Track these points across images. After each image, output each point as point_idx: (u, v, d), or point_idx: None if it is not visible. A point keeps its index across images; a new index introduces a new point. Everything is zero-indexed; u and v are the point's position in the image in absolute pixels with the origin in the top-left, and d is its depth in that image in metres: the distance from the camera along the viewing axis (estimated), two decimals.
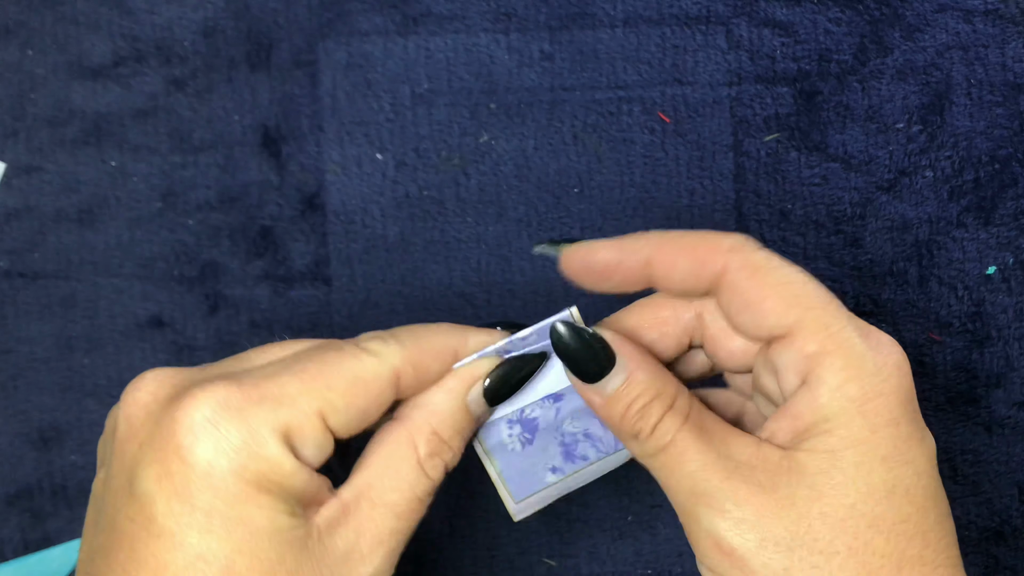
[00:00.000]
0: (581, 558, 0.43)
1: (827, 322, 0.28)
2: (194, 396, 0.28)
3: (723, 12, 0.43)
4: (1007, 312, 0.43)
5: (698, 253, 0.30)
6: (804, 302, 0.29)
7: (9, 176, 0.44)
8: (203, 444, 0.27)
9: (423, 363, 0.30)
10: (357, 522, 0.29)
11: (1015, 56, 0.43)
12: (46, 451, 0.43)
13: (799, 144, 0.43)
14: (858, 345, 0.28)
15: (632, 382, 0.30)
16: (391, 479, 0.30)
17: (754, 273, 0.29)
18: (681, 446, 0.29)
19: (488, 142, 0.44)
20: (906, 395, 0.28)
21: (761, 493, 0.28)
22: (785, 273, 0.29)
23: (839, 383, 0.28)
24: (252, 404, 0.28)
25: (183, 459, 0.27)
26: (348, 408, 0.29)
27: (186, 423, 0.27)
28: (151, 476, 0.27)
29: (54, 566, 0.43)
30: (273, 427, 0.28)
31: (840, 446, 0.28)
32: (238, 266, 0.44)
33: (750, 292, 0.29)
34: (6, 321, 0.44)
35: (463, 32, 0.44)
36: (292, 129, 0.44)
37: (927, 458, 0.29)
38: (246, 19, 0.44)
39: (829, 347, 0.28)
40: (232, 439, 0.27)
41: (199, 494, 0.27)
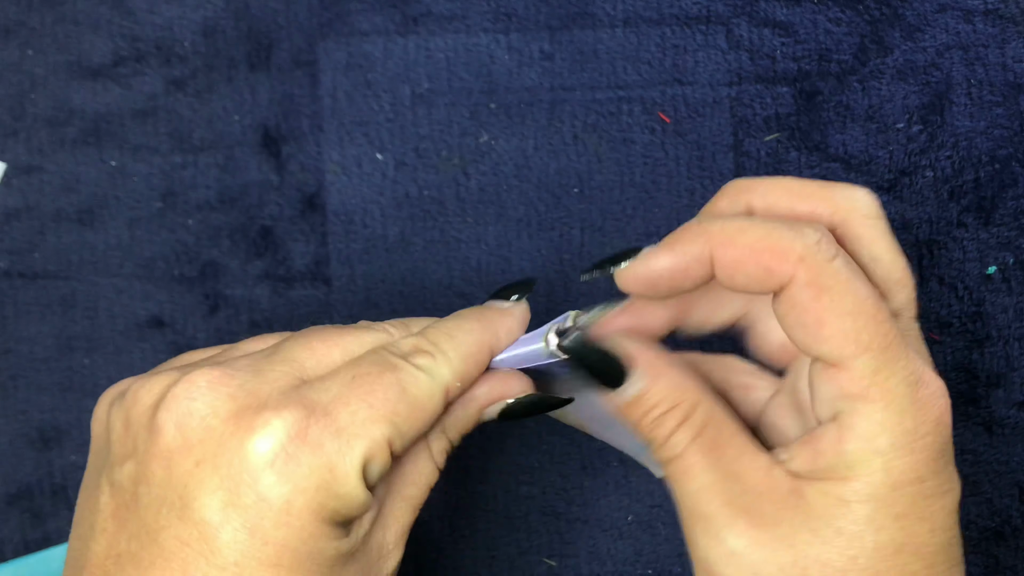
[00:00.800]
0: (581, 558, 0.43)
1: (879, 366, 0.26)
2: (267, 423, 0.27)
3: (723, 12, 0.43)
4: (1007, 312, 0.43)
5: (764, 259, 0.27)
6: (864, 339, 0.26)
7: (9, 176, 0.44)
8: (281, 481, 0.26)
9: (467, 374, 0.30)
10: (385, 519, 0.30)
11: (1015, 56, 0.43)
12: (46, 451, 0.43)
13: (799, 144, 0.43)
14: (902, 398, 0.26)
15: (649, 392, 0.29)
16: (410, 474, 0.30)
17: (820, 294, 0.27)
18: (689, 461, 0.28)
19: (488, 142, 0.44)
20: (939, 450, 0.27)
21: (760, 526, 0.27)
22: (848, 299, 0.27)
23: (871, 435, 0.27)
24: (329, 437, 0.27)
25: (259, 494, 0.26)
26: (411, 433, 0.29)
27: (261, 455, 0.26)
28: (216, 504, 0.26)
29: (54, 566, 0.43)
30: (351, 462, 0.27)
31: (855, 498, 0.27)
32: (238, 266, 0.44)
33: (810, 314, 0.27)
34: (6, 321, 0.44)
35: (463, 32, 0.44)
36: (292, 129, 0.44)
37: (948, 512, 0.27)
38: (246, 19, 0.44)
39: (872, 395, 0.26)
40: (311, 477, 0.26)
41: (274, 531, 0.26)
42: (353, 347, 0.30)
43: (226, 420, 0.27)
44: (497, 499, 0.43)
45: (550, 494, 0.43)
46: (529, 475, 0.43)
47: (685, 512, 0.29)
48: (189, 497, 0.26)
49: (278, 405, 0.27)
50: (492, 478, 0.43)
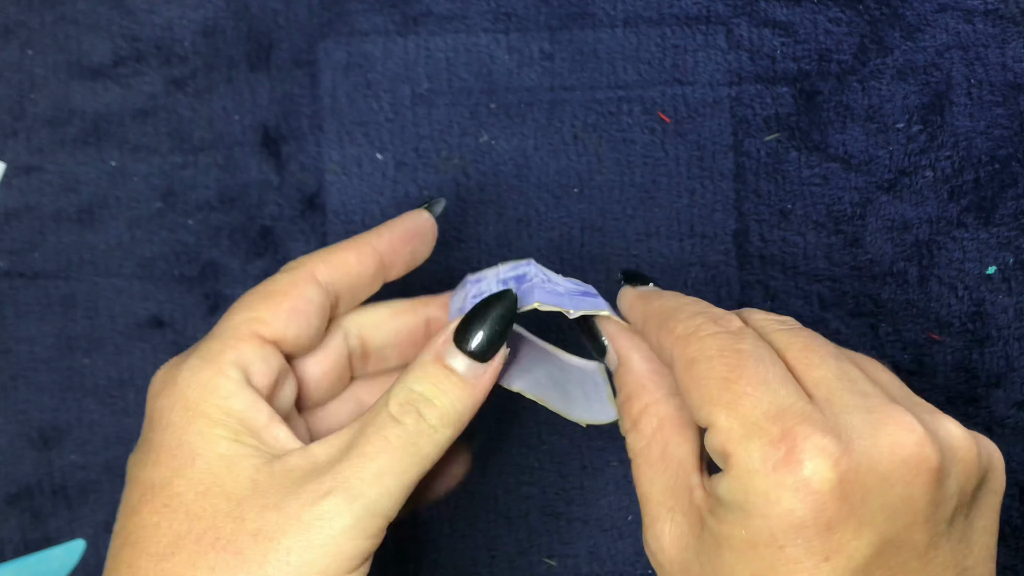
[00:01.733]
0: (581, 558, 0.43)
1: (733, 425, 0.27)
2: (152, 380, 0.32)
3: (723, 12, 0.43)
4: (1007, 312, 0.43)
5: (658, 337, 0.31)
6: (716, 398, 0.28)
7: (9, 176, 0.44)
8: (154, 401, 0.31)
9: (339, 259, 0.33)
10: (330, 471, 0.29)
11: (1015, 56, 0.43)
12: (46, 451, 0.43)
13: (799, 144, 0.43)
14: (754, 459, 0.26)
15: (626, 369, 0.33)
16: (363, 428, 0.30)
17: (686, 366, 0.29)
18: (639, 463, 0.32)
19: (488, 142, 0.44)
20: (800, 519, 0.26)
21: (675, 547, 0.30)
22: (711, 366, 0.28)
23: (733, 490, 0.27)
24: (192, 351, 0.31)
25: (147, 419, 0.31)
26: (275, 316, 0.31)
27: (151, 391, 0.31)
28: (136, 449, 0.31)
29: (54, 566, 0.43)
30: (208, 360, 0.30)
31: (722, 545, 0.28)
32: (238, 266, 0.44)
33: (682, 383, 0.29)
34: (6, 321, 0.44)
35: (463, 32, 0.44)
36: (292, 129, 0.44)
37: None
38: (246, 19, 0.44)
39: (730, 449, 0.27)
40: (176, 383, 0.30)
41: (152, 436, 0.30)
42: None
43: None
44: (497, 499, 0.43)
45: (550, 494, 0.43)
46: (529, 475, 0.43)
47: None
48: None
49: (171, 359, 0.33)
50: (492, 478, 0.43)
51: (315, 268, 0.33)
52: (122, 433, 0.44)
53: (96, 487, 0.43)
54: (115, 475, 0.44)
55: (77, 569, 0.43)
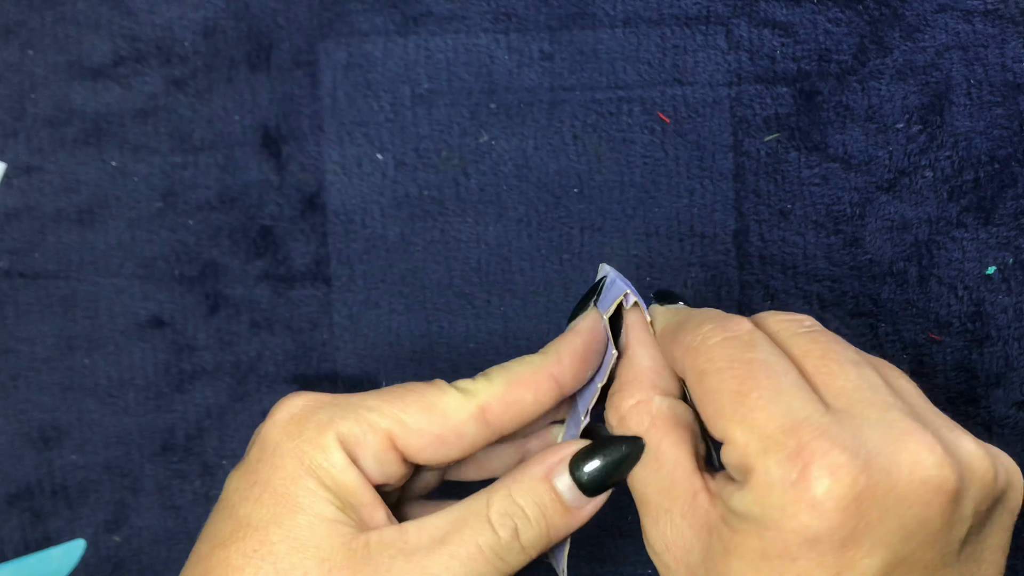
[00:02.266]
0: (581, 558, 0.43)
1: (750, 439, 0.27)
2: (285, 399, 0.31)
3: (723, 12, 0.43)
4: (1007, 312, 0.43)
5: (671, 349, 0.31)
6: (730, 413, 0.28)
7: (9, 176, 0.44)
8: (276, 432, 0.30)
9: (513, 396, 0.31)
10: (413, 548, 0.29)
11: (1015, 56, 0.43)
12: (46, 451, 0.43)
13: (799, 144, 0.43)
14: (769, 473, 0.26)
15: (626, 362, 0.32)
16: (456, 524, 0.30)
17: (698, 378, 0.29)
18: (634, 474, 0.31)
19: (488, 142, 0.44)
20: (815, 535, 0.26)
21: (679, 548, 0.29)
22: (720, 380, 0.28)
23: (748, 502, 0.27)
24: (325, 407, 0.30)
25: (260, 444, 0.30)
26: (421, 432, 0.30)
27: (273, 419, 0.30)
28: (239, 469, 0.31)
29: (54, 566, 0.43)
30: (335, 429, 0.30)
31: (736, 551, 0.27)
32: (238, 266, 0.44)
33: (695, 395, 0.29)
34: (6, 321, 0.44)
35: (463, 32, 0.44)
36: (292, 129, 0.44)
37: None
38: (246, 19, 0.44)
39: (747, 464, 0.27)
40: (300, 431, 0.30)
41: (260, 470, 0.29)
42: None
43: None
44: None
45: None
46: None
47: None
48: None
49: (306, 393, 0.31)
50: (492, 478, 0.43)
51: (487, 404, 0.30)
52: (122, 433, 0.44)
53: (96, 487, 0.43)
54: (115, 475, 0.44)
55: (77, 569, 0.43)
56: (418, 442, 0.30)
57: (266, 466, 0.29)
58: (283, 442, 0.30)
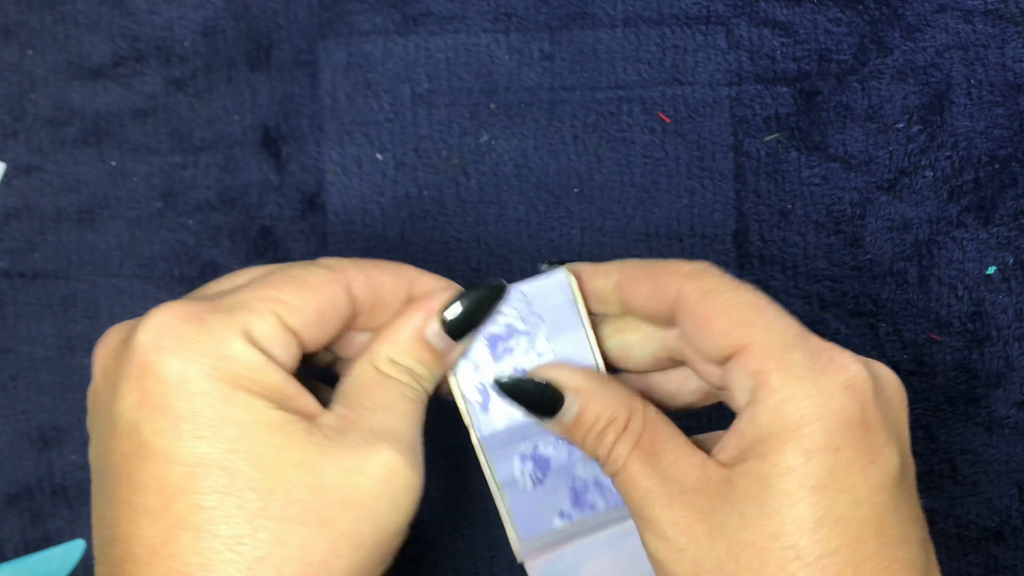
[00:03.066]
0: None
1: (772, 342, 0.28)
2: (151, 316, 0.28)
3: (723, 12, 0.43)
4: (1007, 312, 0.43)
5: (657, 279, 0.31)
6: (751, 322, 0.29)
7: (9, 176, 0.44)
8: (171, 356, 0.27)
9: (376, 278, 0.31)
10: (364, 423, 0.29)
11: (1015, 56, 0.43)
12: (46, 451, 0.43)
13: (799, 144, 0.43)
14: (800, 366, 0.28)
15: (585, 413, 0.31)
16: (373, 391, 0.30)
17: (704, 296, 0.30)
18: (631, 471, 0.30)
19: (488, 142, 0.44)
20: (851, 418, 0.27)
21: (698, 520, 0.28)
22: (735, 295, 0.29)
23: (776, 404, 0.28)
24: (209, 312, 0.28)
25: (155, 376, 0.27)
26: (302, 308, 0.29)
27: (149, 342, 0.27)
28: (130, 404, 0.27)
29: (54, 566, 0.43)
30: (234, 329, 0.28)
31: (772, 473, 0.27)
32: (238, 266, 0.44)
33: (700, 314, 0.29)
34: (6, 321, 0.44)
35: (463, 32, 0.44)
36: (292, 129, 0.44)
37: (874, 484, 0.27)
38: (246, 19, 0.44)
39: (770, 365, 0.28)
40: (197, 346, 0.27)
41: (179, 404, 0.27)
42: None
43: (126, 339, 0.29)
44: None
45: None
46: None
47: (635, 517, 0.30)
48: (114, 414, 0.28)
49: (165, 305, 0.28)
50: None
51: (352, 278, 0.31)
52: None
53: None
54: None
55: (77, 569, 0.43)
56: (303, 318, 0.29)
57: (175, 399, 0.27)
58: (174, 364, 0.27)
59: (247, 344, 0.28)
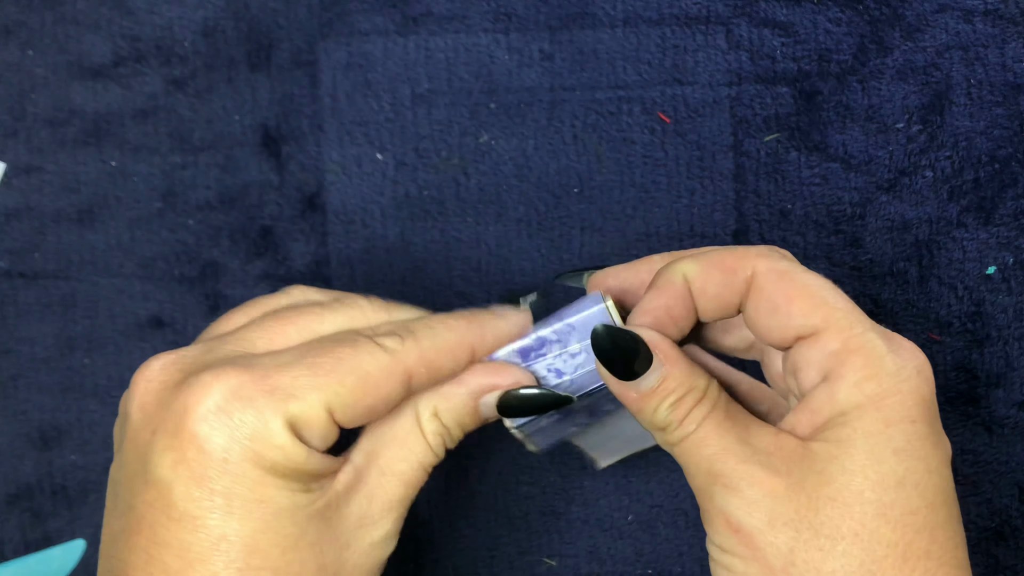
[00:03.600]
0: (581, 558, 0.43)
1: (851, 323, 0.29)
2: (205, 384, 0.28)
3: (723, 12, 0.43)
4: (1007, 312, 0.43)
5: (727, 263, 0.31)
6: (830, 303, 0.30)
7: (9, 176, 0.44)
8: (217, 433, 0.28)
9: (437, 363, 0.31)
10: (369, 488, 0.31)
11: (1015, 56, 0.43)
12: (46, 451, 0.43)
13: (799, 144, 0.43)
14: (880, 346, 0.29)
15: (668, 379, 0.31)
16: (399, 449, 0.31)
17: (781, 276, 0.30)
18: (704, 431, 0.30)
19: (488, 142, 0.44)
20: (924, 398, 0.29)
21: (774, 476, 0.29)
22: (811, 278, 0.30)
23: (858, 380, 0.29)
24: (263, 394, 0.28)
25: (199, 447, 0.28)
26: (356, 405, 0.30)
27: (199, 411, 0.28)
28: (167, 463, 0.28)
29: (54, 566, 0.43)
30: (283, 418, 0.28)
31: (853, 436, 0.28)
32: (238, 266, 0.44)
33: (778, 294, 0.30)
34: (6, 321, 0.44)
35: (463, 32, 0.44)
36: (292, 129, 0.44)
37: (941, 459, 0.29)
38: (246, 19, 0.44)
39: (852, 346, 0.29)
40: (244, 428, 0.28)
41: (217, 479, 0.28)
42: (314, 326, 0.31)
43: (173, 388, 0.29)
44: (497, 499, 0.43)
45: (550, 494, 0.43)
46: (529, 475, 0.43)
47: (701, 476, 0.30)
48: (148, 463, 0.28)
49: (218, 368, 0.29)
50: (492, 478, 0.43)
51: (413, 369, 0.30)
52: None
53: (96, 487, 0.43)
54: None
55: (77, 569, 0.43)
56: (353, 414, 0.30)
57: (220, 474, 0.28)
58: (232, 446, 0.28)
59: (291, 436, 0.29)
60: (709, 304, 0.31)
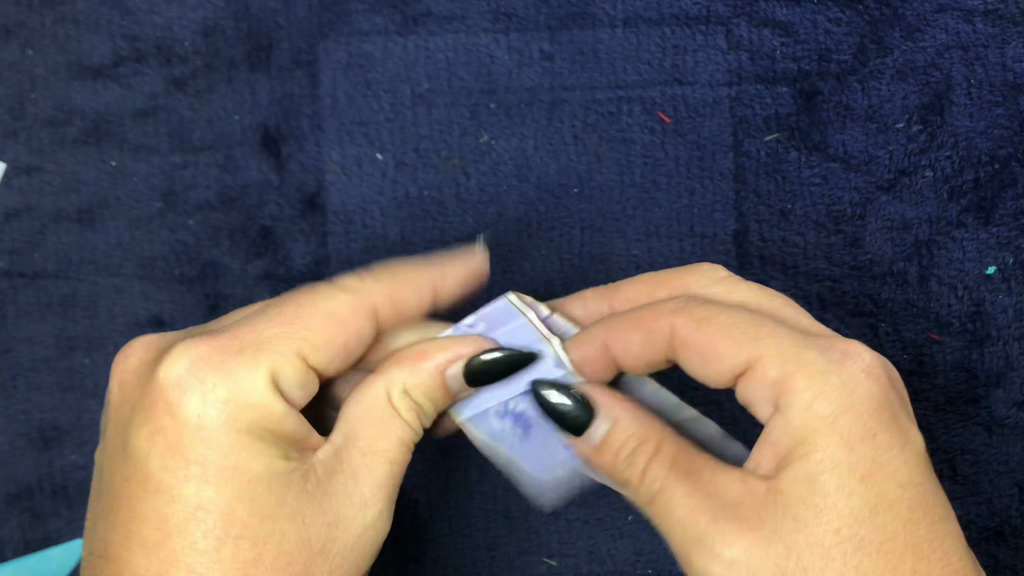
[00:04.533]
0: (581, 558, 0.43)
1: (782, 348, 0.28)
2: (177, 354, 0.28)
3: (723, 12, 0.43)
4: (1007, 312, 0.43)
5: (644, 323, 0.30)
6: (754, 335, 0.29)
7: (9, 176, 0.44)
8: (191, 398, 0.28)
9: (401, 296, 0.31)
10: (352, 468, 0.30)
11: (1015, 56, 0.43)
12: (46, 451, 0.43)
13: (799, 144, 0.43)
14: (818, 362, 0.28)
15: (616, 431, 0.30)
16: (375, 428, 0.31)
17: (699, 325, 0.29)
18: (669, 492, 0.29)
19: (488, 142, 0.44)
20: (879, 402, 0.28)
21: (748, 531, 0.28)
22: (729, 316, 0.29)
23: (807, 403, 0.28)
24: (232, 354, 0.29)
25: (173, 415, 0.28)
26: (328, 345, 0.30)
27: (171, 379, 0.28)
28: (143, 435, 0.28)
29: (54, 566, 0.43)
30: (256, 374, 0.28)
31: (818, 470, 0.28)
32: (238, 266, 0.44)
33: (701, 343, 0.29)
34: (6, 321, 0.44)
35: (463, 32, 0.44)
36: (292, 129, 0.44)
37: (912, 466, 0.28)
38: (246, 19, 0.44)
39: (789, 369, 0.28)
40: (218, 391, 0.28)
41: (192, 447, 0.28)
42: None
43: (150, 364, 0.29)
44: (497, 499, 0.43)
45: None
46: None
47: (676, 541, 0.29)
48: (126, 438, 0.29)
49: (189, 339, 0.29)
50: (492, 478, 0.43)
51: (378, 303, 0.31)
52: None
53: None
54: None
55: (77, 569, 0.43)
56: (327, 356, 0.30)
57: (195, 442, 0.28)
58: (207, 411, 0.28)
59: (268, 391, 0.29)
60: (635, 363, 0.31)
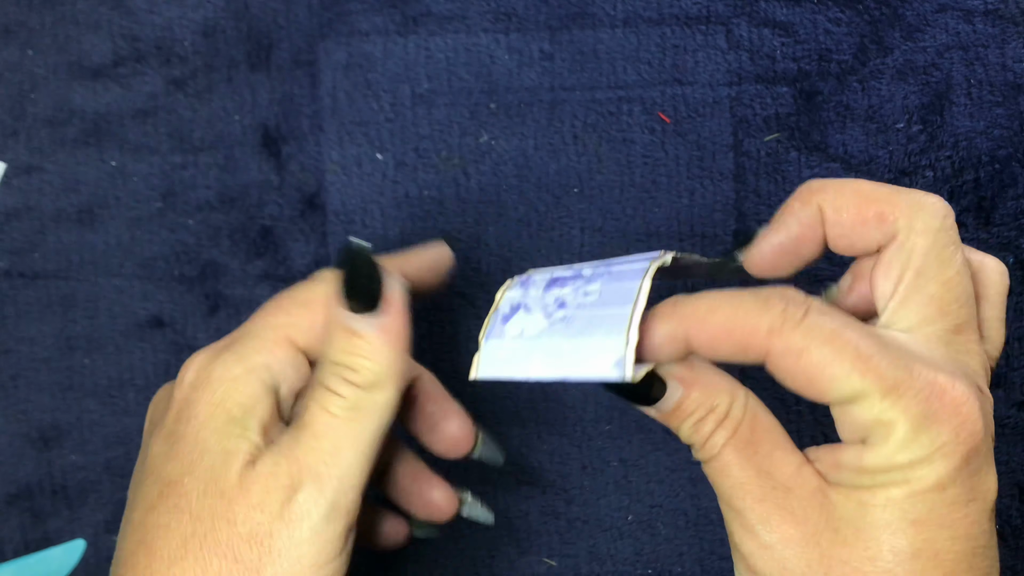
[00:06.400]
0: (581, 558, 0.43)
1: (885, 392, 0.27)
2: (189, 361, 0.32)
3: (723, 12, 0.43)
4: (1007, 312, 0.43)
5: (736, 338, 0.29)
6: (858, 375, 0.27)
7: (9, 176, 0.44)
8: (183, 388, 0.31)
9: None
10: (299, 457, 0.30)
11: (1015, 56, 0.43)
12: (46, 451, 0.43)
13: (799, 144, 0.43)
14: (916, 415, 0.27)
15: (686, 401, 0.30)
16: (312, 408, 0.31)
17: (798, 357, 0.28)
18: (725, 459, 0.30)
19: (488, 142, 0.44)
20: (963, 457, 0.27)
21: (792, 523, 0.28)
22: (832, 349, 0.28)
23: (890, 453, 0.27)
24: (223, 350, 0.31)
25: (174, 406, 0.31)
26: (312, 326, 0.32)
27: (182, 384, 0.31)
28: (158, 438, 0.31)
29: (54, 566, 0.43)
30: (244, 356, 0.31)
31: (872, 501, 0.27)
32: (238, 266, 0.44)
33: (800, 374, 0.28)
34: (6, 321, 0.44)
35: (463, 32, 0.44)
36: (292, 129, 0.44)
37: (971, 521, 0.28)
38: (246, 19, 0.44)
39: (886, 418, 0.27)
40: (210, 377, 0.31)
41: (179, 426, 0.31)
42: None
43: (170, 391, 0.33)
44: (497, 499, 0.43)
45: (550, 494, 0.43)
46: (529, 475, 0.43)
47: (724, 507, 0.30)
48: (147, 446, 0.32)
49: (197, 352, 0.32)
50: (492, 478, 0.43)
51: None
52: (122, 433, 0.44)
53: (96, 487, 0.43)
54: (115, 475, 0.44)
55: (77, 569, 0.43)
56: (314, 336, 0.32)
57: (181, 422, 0.31)
58: (192, 394, 0.31)
59: (248, 371, 0.31)
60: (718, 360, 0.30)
